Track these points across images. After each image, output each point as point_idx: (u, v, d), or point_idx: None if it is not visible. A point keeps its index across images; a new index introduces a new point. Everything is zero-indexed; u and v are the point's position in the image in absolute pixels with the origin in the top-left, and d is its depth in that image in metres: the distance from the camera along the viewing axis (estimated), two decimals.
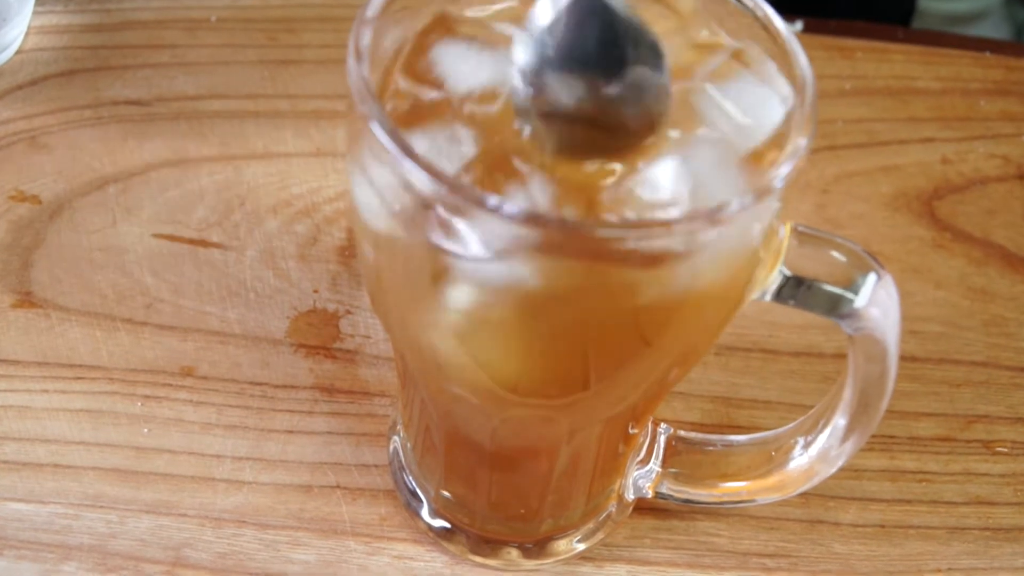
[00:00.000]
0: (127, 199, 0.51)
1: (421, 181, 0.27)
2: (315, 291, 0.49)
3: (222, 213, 0.51)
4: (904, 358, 0.49)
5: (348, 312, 0.48)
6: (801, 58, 0.30)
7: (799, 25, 0.63)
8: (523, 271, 0.29)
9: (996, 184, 0.57)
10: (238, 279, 0.49)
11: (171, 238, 0.50)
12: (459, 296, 0.30)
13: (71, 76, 0.56)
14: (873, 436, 0.37)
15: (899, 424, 0.47)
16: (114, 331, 0.47)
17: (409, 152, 0.27)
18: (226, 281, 0.49)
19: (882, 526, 0.44)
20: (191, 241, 0.50)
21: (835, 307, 0.32)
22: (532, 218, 0.27)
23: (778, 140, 0.30)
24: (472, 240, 0.28)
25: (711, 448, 0.41)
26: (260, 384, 0.46)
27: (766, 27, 0.32)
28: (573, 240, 0.27)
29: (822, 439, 0.37)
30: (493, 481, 0.38)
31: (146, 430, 0.44)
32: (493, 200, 0.27)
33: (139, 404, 0.45)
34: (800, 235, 0.32)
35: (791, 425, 0.39)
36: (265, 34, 0.59)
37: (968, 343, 0.50)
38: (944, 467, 0.46)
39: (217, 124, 0.55)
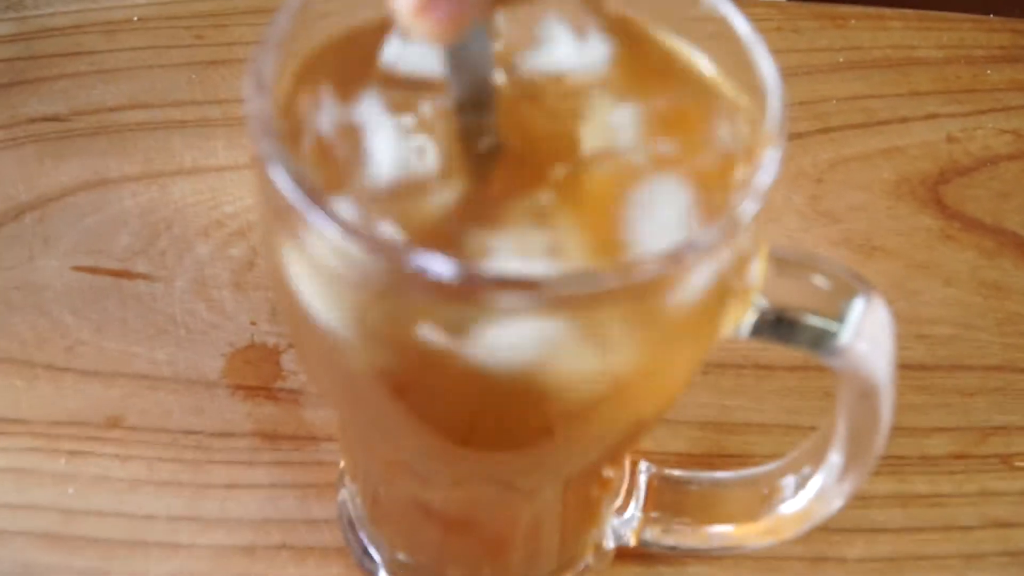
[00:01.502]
0: (44, 228, 0.49)
1: (334, 238, 0.25)
2: (253, 323, 0.47)
3: (147, 239, 0.49)
4: (912, 367, 0.48)
5: (290, 346, 0.46)
6: (763, 63, 0.28)
7: None
8: (461, 325, 0.27)
9: (1008, 163, 0.55)
10: (166, 314, 0.47)
11: (92, 270, 0.48)
12: (393, 351, 0.29)
13: None
14: (880, 457, 0.36)
15: (909, 442, 0.46)
16: (34, 379, 0.45)
17: (320, 203, 0.25)
18: (153, 317, 0.47)
19: (892, 559, 0.43)
20: (114, 273, 0.48)
21: (819, 342, 0.30)
22: (471, 278, 0.25)
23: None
24: (400, 293, 0.27)
25: (697, 487, 0.39)
26: (194, 433, 0.44)
27: (726, 28, 0.30)
28: (521, 296, 0.26)
29: (817, 478, 0.35)
30: (450, 543, 0.37)
31: (71, 490, 0.43)
32: (418, 260, 0.25)
33: (63, 461, 0.43)
34: (778, 261, 0.30)
35: (782, 461, 0.37)
36: (191, 32, 0.57)
37: (982, 346, 0.48)
38: (959, 488, 0.45)
39: (140, 138, 0.53)
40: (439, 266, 0.25)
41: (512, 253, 0.27)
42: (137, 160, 0.52)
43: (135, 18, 0.57)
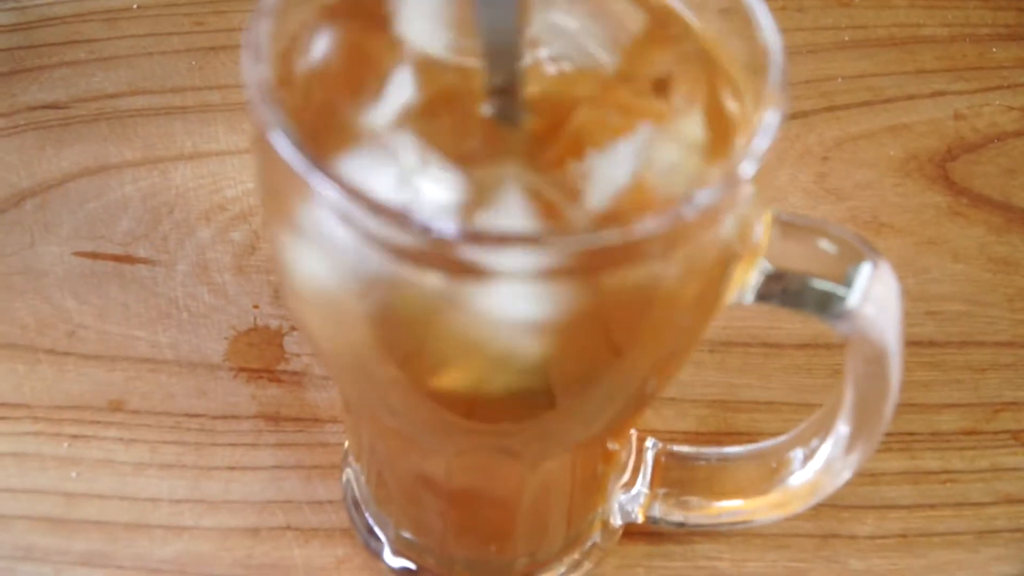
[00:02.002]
0: (45, 215, 0.50)
1: (337, 205, 0.25)
2: (255, 307, 0.47)
3: (148, 224, 0.49)
4: (922, 343, 0.47)
5: (293, 328, 0.46)
6: (764, 23, 0.28)
7: None
8: (465, 288, 0.27)
9: (1015, 140, 0.55)
10: (168, 298, 0.47)
11: (93, 256, 0.48)
12: (395, 317, 0.29)
13: None
14: (890, 434, 0.36)
15: (919, 418, 0.45)
16: (36, 364, 0.45)
17: (322, 167, 0.25)
18: (155, 301, 0.47)
19: (903, 536, 0.43)
20: (115, 258, 0.48)
21: (825, 305, 0.30)
22: (474, 238, 0.25)
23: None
24: (404, 257, 0.27)
25: (704, 463, 0.39)
26: (197, 416, 0.44)
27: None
28: (521, 255, 0.26)
29: (825, 450, 0.35)
30: (454, 519, 0.37)
31: (74, 474, 0.43)
32: (422, 220, 0.25)
33: (65, 445, 0.43)
34: (783, 225, 0.30)
35: (791, 434, 0.37)
36: (191, 18, 0.57)
37: (992, 322, 0.48)
38: (970, 464, 0.44)
39: (140, 124, 0.53)
40: (442, 226, 0.25)
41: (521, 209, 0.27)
42: (138, 146, 0.52)
43: (135, 6, 0.58)
